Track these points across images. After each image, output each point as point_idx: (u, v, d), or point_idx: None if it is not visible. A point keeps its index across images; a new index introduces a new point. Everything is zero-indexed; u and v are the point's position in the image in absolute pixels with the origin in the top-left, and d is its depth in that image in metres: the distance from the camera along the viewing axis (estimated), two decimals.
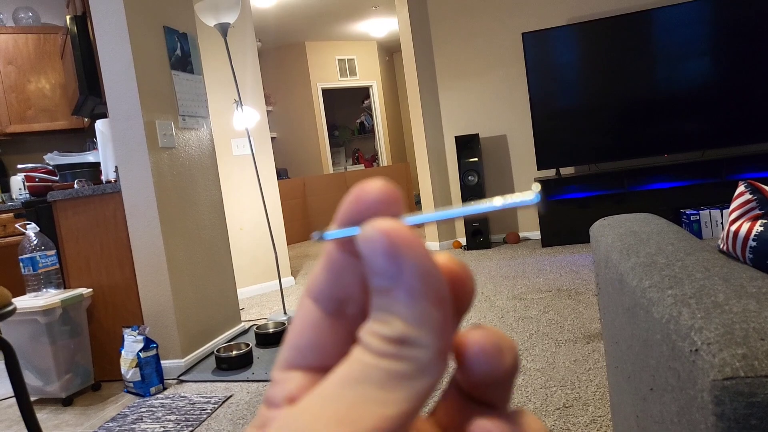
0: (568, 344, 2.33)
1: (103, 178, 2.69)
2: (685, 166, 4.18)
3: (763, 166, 4.04)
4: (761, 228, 0.76)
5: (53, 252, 2.54)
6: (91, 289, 2.57)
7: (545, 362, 2.18)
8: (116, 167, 2.57)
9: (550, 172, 4.65)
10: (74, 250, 2.63)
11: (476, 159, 4.67)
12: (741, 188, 0.80)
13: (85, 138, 4.21)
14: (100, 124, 2.64)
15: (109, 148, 2.62)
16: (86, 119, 3.91)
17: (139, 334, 2.39)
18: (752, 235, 0.76)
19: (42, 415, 2.34)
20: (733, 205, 0.81)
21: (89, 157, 2.92)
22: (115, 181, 2.62)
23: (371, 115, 8.24)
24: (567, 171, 4.63)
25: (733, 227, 0.79)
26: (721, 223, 3.95)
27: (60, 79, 4.11)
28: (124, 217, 2.56)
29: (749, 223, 0.77)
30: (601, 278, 1.15)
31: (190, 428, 2.02)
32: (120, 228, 2.57)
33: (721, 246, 0.84)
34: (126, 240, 2.57)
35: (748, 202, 0.79)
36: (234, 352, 2.61)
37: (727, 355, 0.48)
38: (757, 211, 0.78)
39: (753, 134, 4.14)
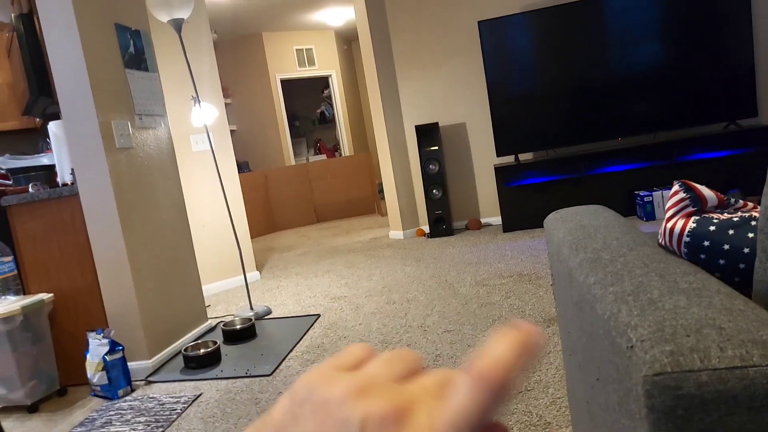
0: None
1: (59, 180, 2.63)
2: (637, 149, 4.34)
3: (710, 147, 4.23)
4: (694, 224, 0.82)
5: (10, 258, 2.47)
6: (52, 294, 2.52)
7: None
8: (72, 169, 2.52)
9: (509, 159, 4.75)
10: (32, 255, 2.57)
11: (437, 147, 4.74)
12: (675, 187, 0.87)
13: (37, 139, 4.07)
14: (53, 126, 2.57)
15: (63, 150, 2.56)
16: (38, 119, 3.79)
17: (104, 337, 2.37)
18: (686, 231, 0.82)
19: (7, 423, 2.30)
20: (668, 203, 0.87)
21: (43, 160, 2.84)
22: (72, 183, 2.56)
23: (331, 105, 8.20)
24: (525, 157, 4.74)
25: (669, 224, 0.85)
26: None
27: (7, 78, 3.95)
28: (82, 220, 2.51)
29: (683, 220, 0.84)
30: (555, 270, 1.22)
31: (161, 429, 2.03)
32: (79, 231, 2.53)
33: (660, 240, 0.90)
34: (86, 243, 2.53)
35: (682, 200, 0.85)
36: (201, 351, 2.61)
37: (657, 351, 0.53)
38: (690, 209, 0.85)
39: (701, 116, 4.33)
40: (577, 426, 1.18)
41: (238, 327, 2.89)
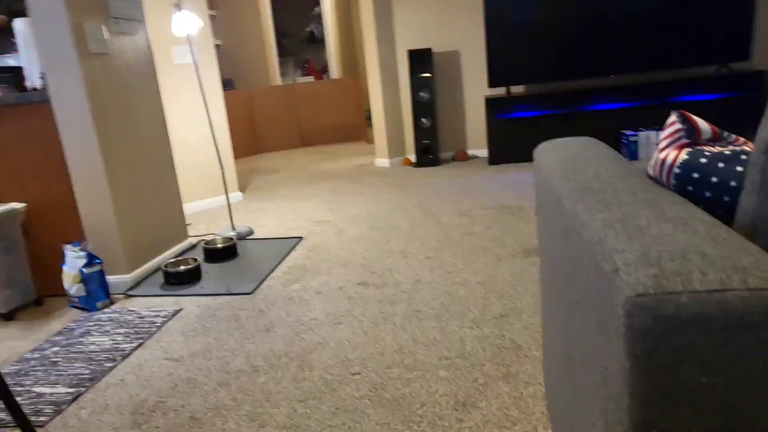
0: (508, 258, 2.46)
1: (27, 83, 2.51)
2: (628, 88, 4.28)
3: (701, 89, 4.18)
4: (686, 156, 0.80)
5: None
6: (24, 204, 2.46)
7: (486, 275, 2.30)
8: (42, 73, 2.39)
9: (500, 91, 4.65)
10: (2, 163, 2.49)
11: (429, 74, 4.61)
12: (672, 118, 0.84)
13: (3, 38, 3.85)
14: (19, 24, 2.42)
15: (32, 51, 2.42)
16: (2, 16, 3.56)
17: (81, 249, 2.35)
18: (677, 163, 0.81)
19: None
20: (663, 134, 0.85)
21: (9, 61, 2.69)
22: (42, 88, 2.45)
23: (321, 24, 7.87)
24: (517, 90, 4.65)
25: (662, 155, 0.83)
26: (656, 144, 4.13)
27: None
28: (55, 129, 2.42)
29: (676, 151, 0.82)
30: (541, 199, 1.21)
31: (140, 340, 2.06)
32: (52, 140, 2.44)
33: (650, 172, 0.89)
34: (59, 153, 2.45)
35: (677, 131, 0.83)
36: (182, 267, 2.61)
37: (641, 274, 0.53)
38: (684, 140, 0.83)
39: (694, 58, 4.25)
40: (548, 349, 1.21)
41: (220, 246, 2.89)
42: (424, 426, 1.44)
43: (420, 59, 4.60)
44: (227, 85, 6.81)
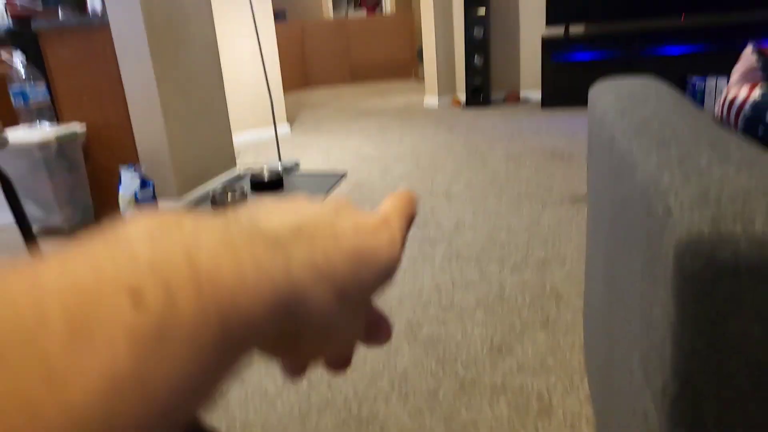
0: (555, 205, 2.40)
1: (89, 8, 2.54)
2: (698, 31, 3.97)
3: None
4: (759, 96, 0.74)
5: (43, 84, 2.47)
6: (85, 124, 2.55)
7: (530, 221, 2.26)
8: None
9: (558, 31, 4.41)
10: (65, 84, 2.56)
11: (484, 11, 4.40)
12: (749, 51, 0.77)
13: None
14: None
15: None
16: None
17: (135, 171, 2.43)
18: (749, 102, 0.75)
19: (48, 245, 2.45)
20: (736, 68, 0.79)
21: None
22: (102, 12, 2.47)
23: None
24: (576, 30, 4.39)
25: (731, 93, 0.77)
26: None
27: None
28: (114, 53, 2.46)
29: (748, 90, 0.76)
30: (593, 139, 1.15)
31: None
32: (110, 63, 2.48)
33: (717, 111, 0.83)
34: (118, 77, 2.50)
35: (752, 69, 0.77)
36: (229, 196, 2.67)
37: (697, 216, 0.50)
38: (758, 79, 0.76)
39: None
40: (590, 297, 1.19)
41: (266, 177, 2.93)
42: (457, 367, 1.46)
43: None
44: (279, 15, 6.71)
